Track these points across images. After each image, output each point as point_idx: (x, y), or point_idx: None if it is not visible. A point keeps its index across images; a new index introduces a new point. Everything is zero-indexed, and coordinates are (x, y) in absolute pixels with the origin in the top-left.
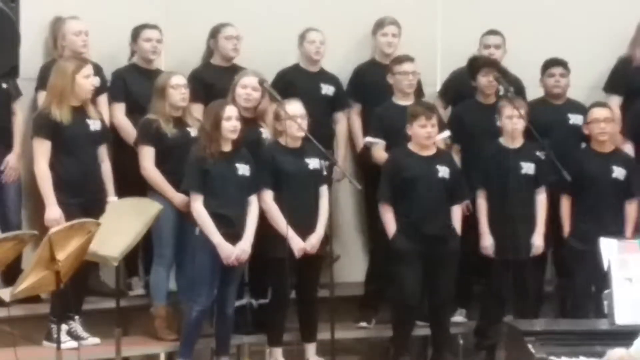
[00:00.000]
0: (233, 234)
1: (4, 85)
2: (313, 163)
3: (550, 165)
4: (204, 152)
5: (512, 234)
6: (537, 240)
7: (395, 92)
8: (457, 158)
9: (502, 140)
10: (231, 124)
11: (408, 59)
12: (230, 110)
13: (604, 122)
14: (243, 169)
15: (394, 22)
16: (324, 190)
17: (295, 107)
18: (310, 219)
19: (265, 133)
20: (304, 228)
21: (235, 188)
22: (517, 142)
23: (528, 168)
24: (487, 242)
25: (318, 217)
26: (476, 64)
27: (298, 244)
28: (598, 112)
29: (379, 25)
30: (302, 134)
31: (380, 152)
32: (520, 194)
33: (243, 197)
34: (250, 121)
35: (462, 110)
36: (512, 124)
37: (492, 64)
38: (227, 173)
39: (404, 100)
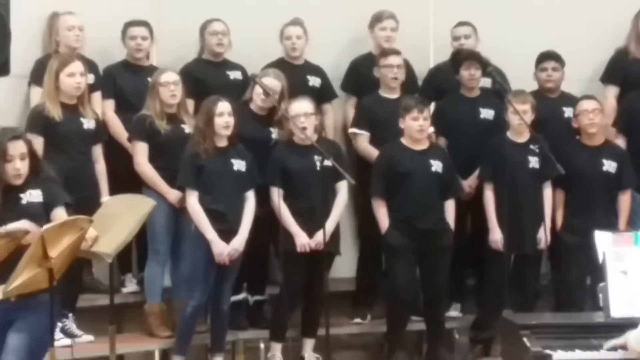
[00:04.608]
0: (227, 230)
1: None
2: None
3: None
4: (198, 148)
5: (520, 228)
6: (544, 235)
7: (381, 85)
8: None
9: (509, 134)
10: (223, 119)
11: (394, 52)
12: (223, 107)
13: (592, 114)
14: (239, 165)
15: (392, 16)
16: (340, 186)
17: (299, 106)
18: (319, 216)
19: (275, 133)
20: (312, 225)
21: (230, 184)
22: (524, 137)
23: (535, 162)
24: (497, 235)
25: (331, 213)
26: (458, 58)
27: (302, 240)
28: (586, 104)
29: (377, 18)
30: (305, 133)
31: (364, 143)
32: (528, 188)
33: (239, 193)
34: (264, 120)
35: (446, 103)
36: (518, 119)
37: (474, 57)
38: (222, 169)
39: (390, 93)
